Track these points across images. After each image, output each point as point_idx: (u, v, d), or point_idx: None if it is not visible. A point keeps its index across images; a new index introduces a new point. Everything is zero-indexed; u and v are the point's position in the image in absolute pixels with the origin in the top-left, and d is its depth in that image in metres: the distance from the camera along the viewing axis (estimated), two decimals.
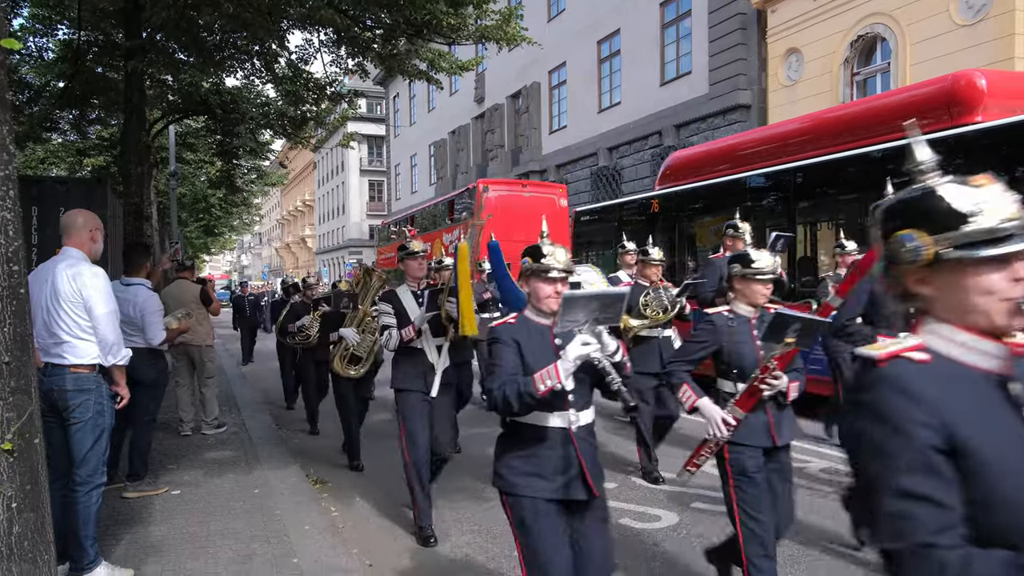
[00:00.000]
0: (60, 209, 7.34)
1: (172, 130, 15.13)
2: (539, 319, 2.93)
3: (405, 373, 4.99)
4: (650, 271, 6.40)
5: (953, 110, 7.63)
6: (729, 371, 3.50)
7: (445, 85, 12.44)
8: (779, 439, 3.40)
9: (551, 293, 2.86)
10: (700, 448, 3.54)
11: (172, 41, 8.88)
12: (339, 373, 6.67)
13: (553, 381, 2.59)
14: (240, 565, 4.22)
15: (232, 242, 45.06)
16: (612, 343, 2.74)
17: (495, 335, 2.88)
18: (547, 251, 2.90)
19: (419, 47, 8.93)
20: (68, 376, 3.94)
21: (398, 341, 4.88)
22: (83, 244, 4.16)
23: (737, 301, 3.57)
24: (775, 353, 3.24)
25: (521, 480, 2.82)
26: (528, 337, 2.86)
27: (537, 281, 2.91)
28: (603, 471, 3.01)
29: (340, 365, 6.64)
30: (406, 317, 4.94)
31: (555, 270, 2.86)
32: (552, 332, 2.85)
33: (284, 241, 79.10)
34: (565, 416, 2.83)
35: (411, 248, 5.14)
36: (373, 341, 6.58)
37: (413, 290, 5.10)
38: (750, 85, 17.72)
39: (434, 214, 22.87)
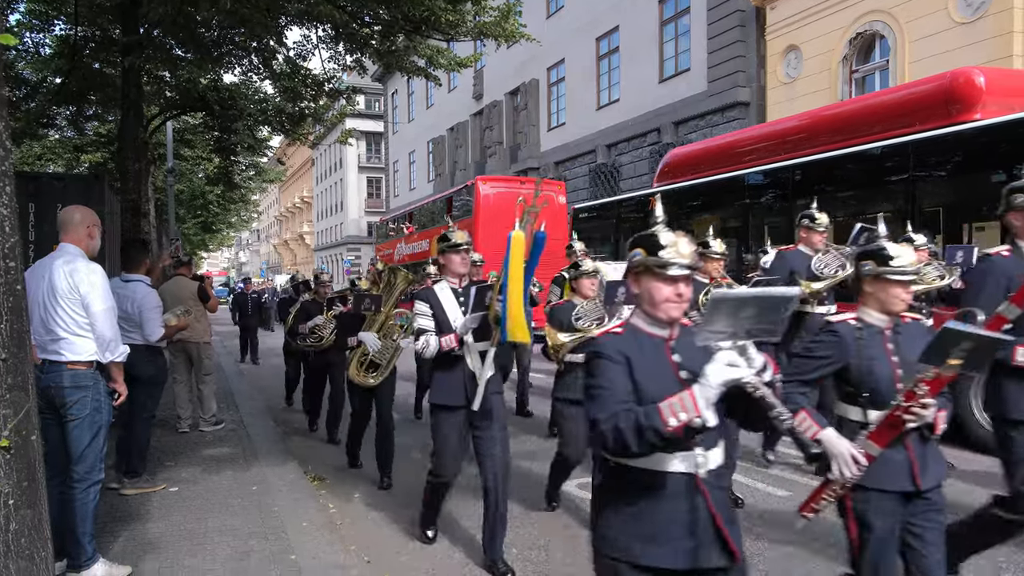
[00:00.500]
0: (57, 205, 7.31)
1: (170, 126, 15.11)
2: (653, 329, 2.30)
3: (441, 383, 4.34)
4: (711, 266, 5.64)
5: (952, 108, 7.63)
6: (857, 395, 2.87)
7: (443, 82, 12.42)
8: (923, 482, 2.76)
9: (671, 296, 2.21)
10: (822, 489, 2.89)
11: (169, 37, 8.85)
12: (355, 380, 6.10)
13: (690, 414, 1.99)
14: (238, 562, 4.21)
15: (230, 239, 45.07)
16: (759, 359, 2.07)
17: (597, 348, 2.29)
18: (666, 241, 2.22)
19: (417, 43, 8.92)
20: (65, 373, 3.93)
21: (436, 350, 4.21)
22: (80, 240, 4.14)
23: (867, 307, 2.94)
24: (926, 375, 2.62)
25: (637, 546, 2.19)
26: (640, 353, 2.24)
27: (652, 280, 2.24)
28: (740, 527, 2.36)
29: (357, 371, 6.07)
30: (446, 321, 4.26)
31: (677, 266, 2.20)
32: (668, 347, 2.28)
33: (282, 238, 79.03)
34: (690, 458, 2.20)
35: (453, 239, 4.39)
36: (395, 347, 6.12)
37: (454, 287, 4.39)
38: (749, 82, 17.72)
39: (432, 211, 22.84)
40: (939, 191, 7.78)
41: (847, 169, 8.54)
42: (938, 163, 7.63)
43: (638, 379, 2.19)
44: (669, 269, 2.20)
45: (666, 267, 2.20)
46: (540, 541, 4.81)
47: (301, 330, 8.00)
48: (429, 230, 21.94)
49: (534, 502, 5.50)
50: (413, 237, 23.16)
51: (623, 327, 2.34)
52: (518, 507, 5.52)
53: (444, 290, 4.37)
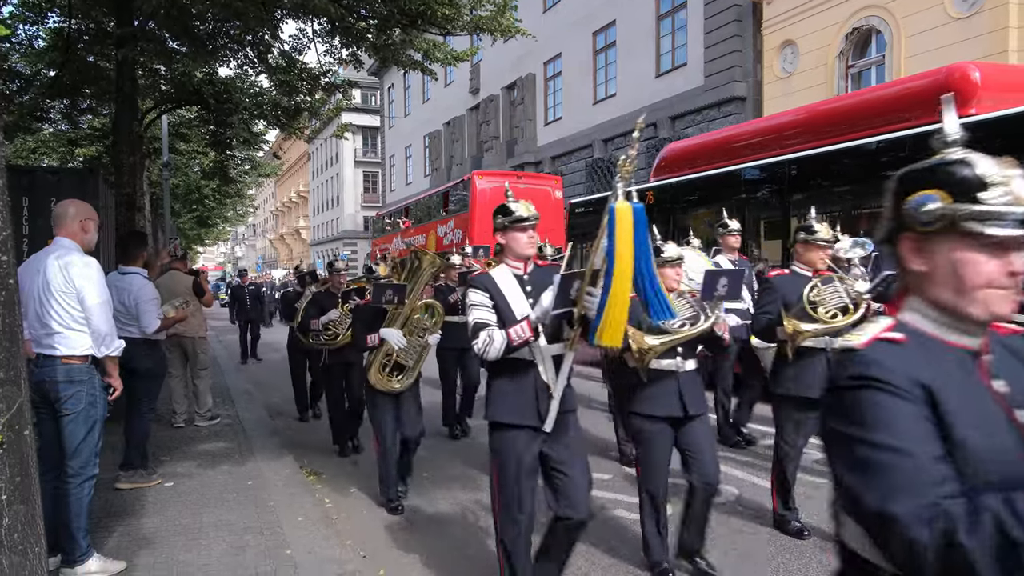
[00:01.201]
0: (51, 199, 7.30)
1: (165, 120, 15.04)
2: (955, 337, 1.40)
3: (505, 397, 3.40)
4: (813, 255, 4.67)
5: None
6: None
7: (440, 76, 12.40)
8: None
9: (998, 275, 1.34)
10: None
11: (164, 30, 8.80)
12: (377, 385, 5.20)
13: None
14: (233, 557, 4.21)
15: (226, 233, 44.86)
16: None
17: (870, 372, 1.30)
18: (991, 175, 1.37)
19: (414, 37, 8.88)
20: (59, 367, 3.93)
21: (503, 346, 3.24)
22: (75, 234, 4.13)
23: None
24: None
25: None
26: (945, 379, 1.31)
27: (960, 247, 1.35)
28: None
29: (379, 375, 5.19)
30: (509, 314, 3.36)
31: (1015, 221, 1.33)
32: (983, 366, 1.39)
33: (278, 232, 78.87)
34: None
35: (517, 213, 3.47)
36: (423, 345, 5.31)
37: (517, 273, 3.51)
38: (745, 77, 17.71)
39: (429, 206, 22.81)
40: None
41: (843, 164, 8.54)
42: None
43: (954, 426, 1.26)
44: (998, 226, 1.31)
45: (996, 221, 1.31)
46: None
47: (314, 326, 7.18)
48: (425, 225, 21.93)
49: None
50: (409, 232, 23.13)
51: (899, 330, 1.39)
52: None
53: (505, 275, 3.47)
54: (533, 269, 3.56)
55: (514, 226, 3.46)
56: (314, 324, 7.19)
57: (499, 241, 3.55)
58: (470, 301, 3.43)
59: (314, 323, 7.20)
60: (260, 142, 16.22)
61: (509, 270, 3.51)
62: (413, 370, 5.27)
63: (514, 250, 3.50)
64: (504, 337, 3.24)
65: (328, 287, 7.68)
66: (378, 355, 5.18)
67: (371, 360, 5.22)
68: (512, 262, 3.53)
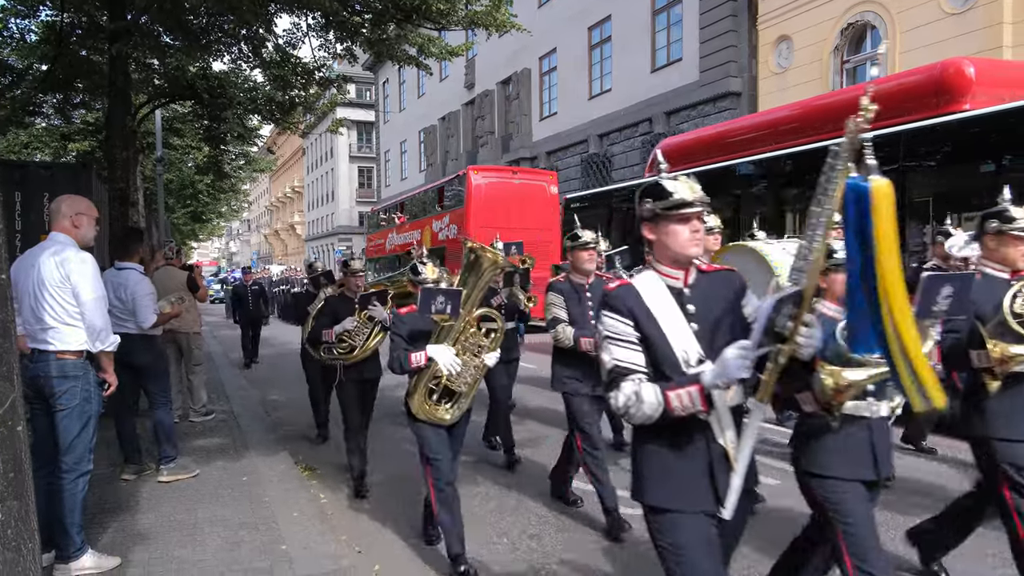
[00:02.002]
0: (44, 194, 7.28)
1: (158, 115, 14.99)
2: None
3: (667, 468, 2.36)
4: (1013, 249, 3.46)
5: (941, 98, 7.64)
6: None
7: (435, 71, 12.37)
8: None
9: None
10: None
11: (157, 24, 8.76)
12: (421, 415, 4.17)
13: None
14: (228, 552, 4.21)
15: (220, 229, 44.79)
16: None
17: None
18: None
19: (408, 32, 8.86)
20: (54, 362, 3.92)
21: (658, 413, 2.22)
22: (70, 230, 4.12)
23: None
24: None
25: None
26: None
27: None
28: None
29: (425, 403, 4.15)
30: (666, 348, 2.32)
31: None
32: None
33: (273, 228, 78.70)
34: None
35: (677, 195, 2.34)
36: (479, 366, 4.20)
37: (674, 285, 2.39)
38: (741, 72, 17.71)
39: (424, 201, 22.78)
40: (929, 181, 7.80)
41: None
42: (928, 153, 7.64)
43: None
44: None
45: None
46: (533, 530, 4.82)
47: (326, 337, 5.90)
48: (420, 220, 21.90)
49: (526, 489, 5.50)
50: (404, 227, 23.10)
51: None
52: (514, 495, 5.54)
53: (654, 288, 2.37)
54: (697, 278, 2.45)
55: (672, 214, 2.33)
56: (327, 335, 5.89)
57: (647, 236, 2.44)
58: (606, 331, 2.38)
59: (327, 334, 5.89)
60: (254, 137, 16.17)
61: (660, 279, 2.41)
62: (467, 396, 4.25)
63: (671, 249, 2.37)
64: (660, 400, 2.22)
65: (343, 291, 6.33)
66: (423, 379, 4.12)
67: (414, 385, 4.16)
68: (666, 268, 2.42)
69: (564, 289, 5.10)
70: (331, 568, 3.99)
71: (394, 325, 4.23)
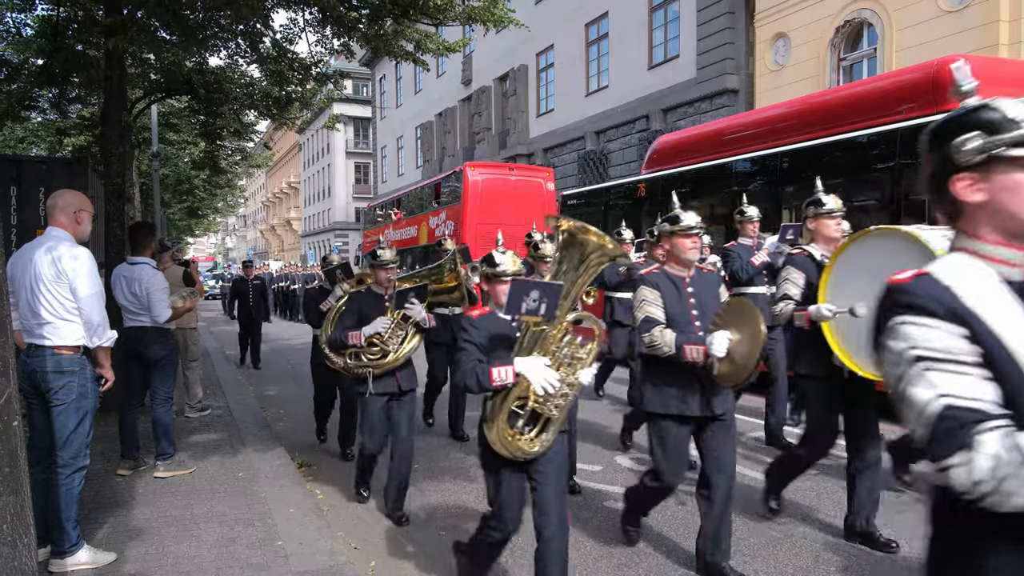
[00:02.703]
0: (40, 189, 7.27)
1: (155, 110, 14.94)
2: None
3: None
4: None
5: (938, 96, 7.65)
6: None
7: (432, 67, 12.34)
8: None
9: None
10: None
11: (154, 19, 8.73)
12: (500, 446, 3.17)
13: None
14: (224, 548, 4.21)
15: (216, 224, 44.68)
16: None
17: None
18: None
19: (406, 28, 8.83)
20: (50, 357, 3.91)
21: None
22: (67, 224, 4.12)
23: None
24: None
25: None
26: None
27: None
28: None
29: (507, 433, 3.16)
30: None
31: None
32: None
33: (269, 223, 78.56)
34: None
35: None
36: (575, 386, 3.21)
37: (1010, 276, 1.51)
38: (737, 70, 17.71)
39: (420, 197, 22.75)
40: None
41: (834, 156, 8.57)
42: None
43: None
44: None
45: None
46: None
47: (353, 341, 4.97)
48: (417, 216, 21.88)
49: None
50: (401, 223, 23.08)
51: None
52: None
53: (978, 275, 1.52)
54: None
55: None
56: (353, 338, 4.97)
57: (963, 196, 2.15)
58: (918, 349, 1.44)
59: (353, 337, 4.97)
60: (251, 132, 16.12)
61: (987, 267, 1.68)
62: (557, 423, 3.22)
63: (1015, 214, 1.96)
64: None
65: (370, 286, 5.33)
66: (507, 401, 3.14)
67: (496, 409, 3.17)
68: (995, 248, 1.60)
69: (660, 283, 3.97)
70: (327, 564, 3.99)
71: (465, 331, 3.30)
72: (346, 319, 5.14)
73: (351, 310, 5.16)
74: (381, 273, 5.16)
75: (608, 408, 8.39)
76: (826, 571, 4.01)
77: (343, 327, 5.10)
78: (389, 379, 4.98)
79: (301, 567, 3.94)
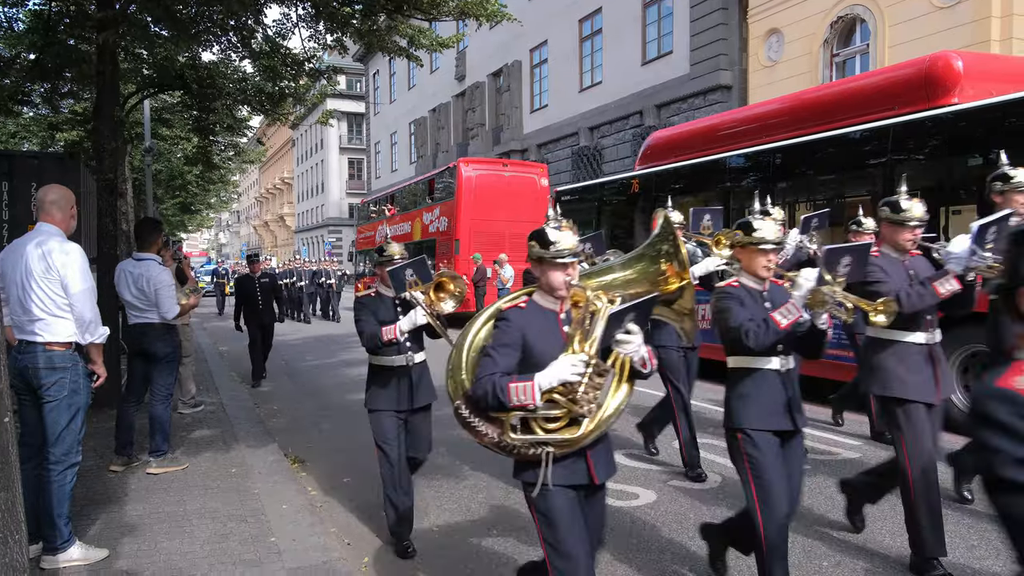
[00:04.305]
0: (32, 184, 7.24)
1: (147, 105, 14.86)
2: None
3: None
4: None
5: (930, 92, 7.68)
6: None
7: (425, 63, 12.32)
8: None
9: None
10: None
11: (146, 13, 8.68)
12: None
13: None
14: (217, 544, 4.21)
15: (209, 220, 44.52)
16: None
17: None
18: None
19: (399, 23, 8.82)
20: (41, 354, 3.89)
21: None
22: (58, 220, 4.10)
23: None
24: None
25: None
26: None
27: None
28: None
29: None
30: None
31: None
32: None
33: (263, 219, 78.40)
34: None
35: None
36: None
37: None
38: (731, 65, 17.74)
39: (414, 193, 22.76)
40: (917, 175, 7.84)
41: (827, 152, 8.58)
42: (916, 147, 7.68)
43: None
44: None
45: None
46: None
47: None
48: (411, 212, 21.87)
49: None
50: (395, 219, 23.06)
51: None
52: (498, 485, 5.55)
53: None
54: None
55: None
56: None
57: None
58: None
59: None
60: (244, 128, 16.08)
61: None
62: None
63: None
64: None
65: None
66: None
67: None
68: None
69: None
70: (320, 560, 3.99)
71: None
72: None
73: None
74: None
75: None
76: (818, 566, 4.03)
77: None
78: (577, 462, 2.76)
79: (294, 563, 3.94)
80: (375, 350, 4.25)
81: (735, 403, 3.41)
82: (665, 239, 3.08)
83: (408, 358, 4.31)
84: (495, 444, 2.73)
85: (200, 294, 6.96)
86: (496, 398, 2.53)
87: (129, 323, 6.00)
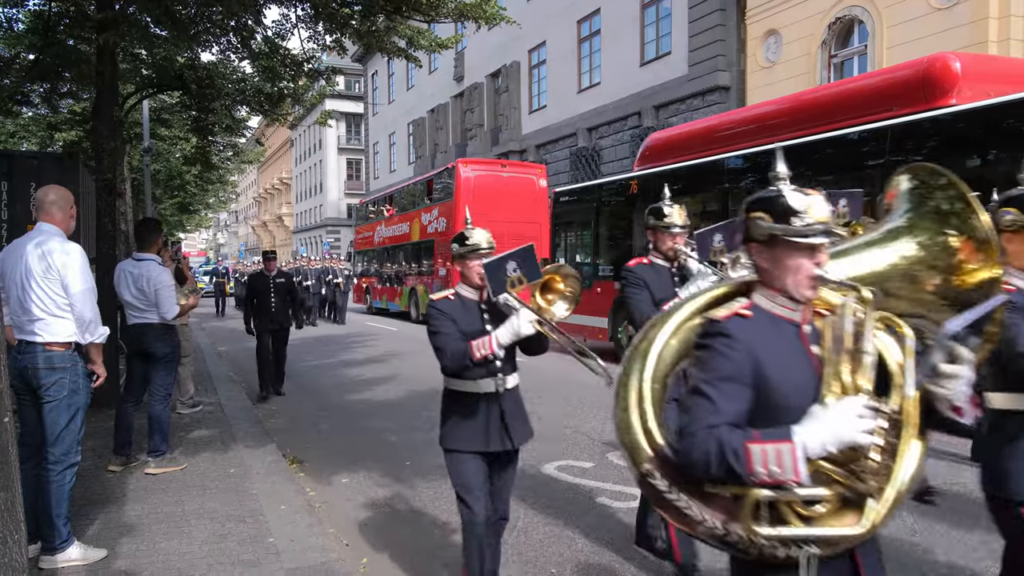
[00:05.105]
0: (31, 184, 7.24)
1: (146, 105, 14.86)
2: None
3: None
4: None
5: (928, 93, 7.70)
6: None
7: (424, 63, 12.33)
8: None
9: None
10: None
11: (145, 14, 8.69)
12: None
13: None
14: (215, 545, 4.21)
15: (208, 220, 44.48)
16: None
17: None
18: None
19: (398, 24, 8.82)
20: (41, 354, 3.90)
21: None
22: (57, 220, 4.10)
23: None
24: None
25: None
26: None
27: None
28: None
29: None
30: None
31: None
32: None
33: (261, 219, 78.32)
34: None
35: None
36: None
37: None
38: (729, 66, 17.76)
39: (413, 193, 22.75)
40: None
41: (825, 153, 8.60)
42: (914, 148, 7.70)
43: None
44: None
45: None
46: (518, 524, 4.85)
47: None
48: (409, 212, 21.87)
49: None
50: (393, 219, 23.06)
51: None
52: None
53: None
54: None
55: None
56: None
57: None
58: None
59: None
60: (243, 128, 16.07)
61: None
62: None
63: None
64: None
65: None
66: None
67: None
68: None
69: None
70: (319, 561, 4.00)
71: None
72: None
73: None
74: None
75: (598, 401, 8.39)
76: None
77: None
78: (843, 565, 1.82)
79: (292, 564, 3.94)
80: (461, 371, 3.17)
81: None
82: (949, 196, 2.00)
83: (499, 381, 3.23)
84: (716, 537, 1.76)
85: (199, 294, 6.97)
86: (725, 465, 1.64)
87: (128, 323, 6.01)
